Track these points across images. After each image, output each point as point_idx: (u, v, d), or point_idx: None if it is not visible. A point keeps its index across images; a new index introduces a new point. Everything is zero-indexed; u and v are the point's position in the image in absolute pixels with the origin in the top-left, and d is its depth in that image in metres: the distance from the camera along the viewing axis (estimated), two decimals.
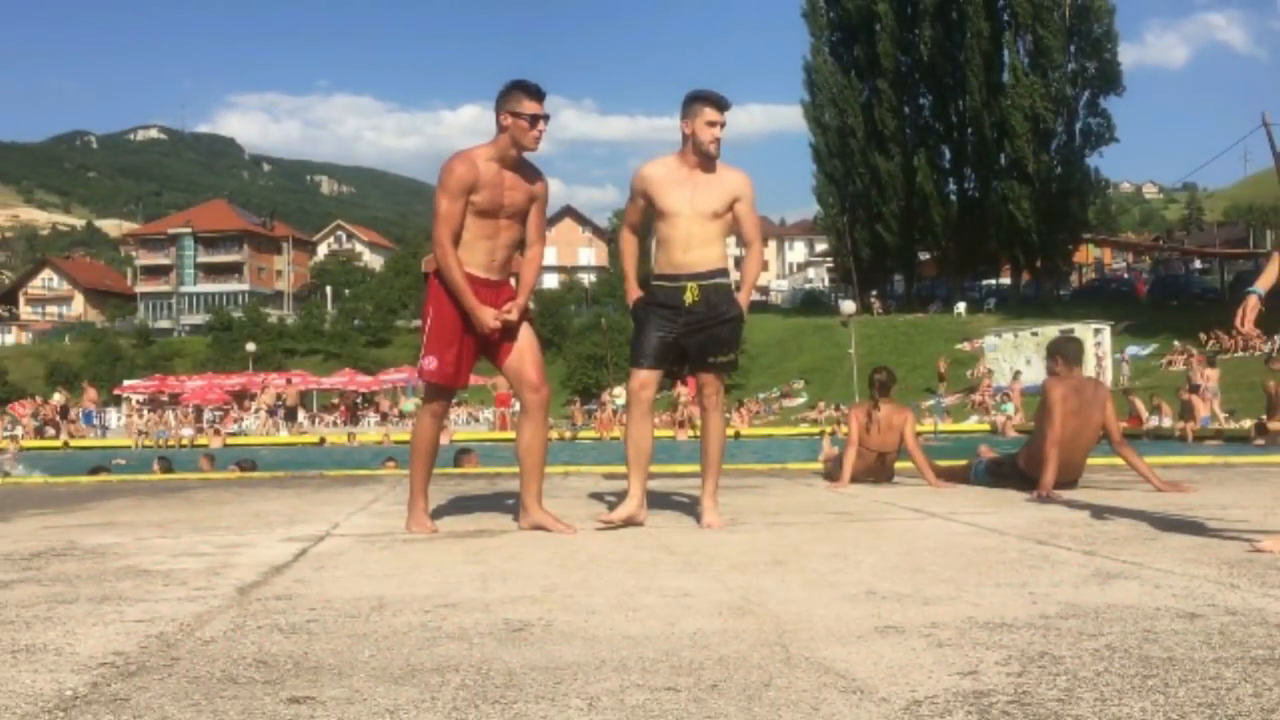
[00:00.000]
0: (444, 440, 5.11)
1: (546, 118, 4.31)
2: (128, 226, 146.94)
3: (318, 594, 2.92)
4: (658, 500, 5.72)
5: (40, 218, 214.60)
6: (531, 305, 4.59)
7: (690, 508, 5.13)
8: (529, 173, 4.40)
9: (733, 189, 4.51)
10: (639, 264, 4.91)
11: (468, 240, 4.33)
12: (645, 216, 4.68)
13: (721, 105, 4.48)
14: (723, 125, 4.47)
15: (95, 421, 36.40)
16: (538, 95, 4.28)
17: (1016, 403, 26.32)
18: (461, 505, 5.52)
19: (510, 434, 23.29)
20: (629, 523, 4.46)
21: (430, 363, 4.38)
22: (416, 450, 4.54)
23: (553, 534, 4.27)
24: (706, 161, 4.50)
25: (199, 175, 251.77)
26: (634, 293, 4.74)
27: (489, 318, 4.26)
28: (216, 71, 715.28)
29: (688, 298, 4.45)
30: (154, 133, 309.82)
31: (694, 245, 4.47)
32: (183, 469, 11.31)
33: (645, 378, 4.56)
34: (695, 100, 4.48)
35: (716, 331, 4.52)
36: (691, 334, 4.52)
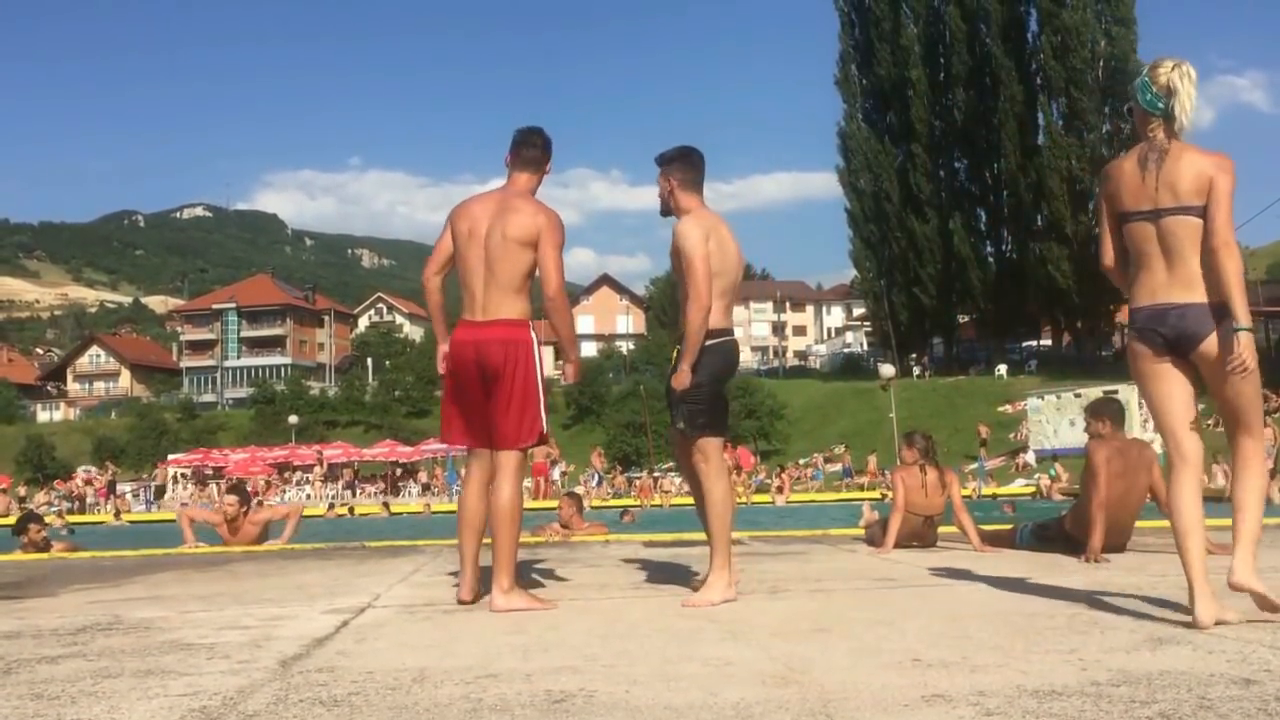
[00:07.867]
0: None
1: None
2: (173, 303, 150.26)
3: (359, 666, 2.92)
4: (697, 566, 5.67)
5: (89, 295, 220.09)
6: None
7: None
8: None
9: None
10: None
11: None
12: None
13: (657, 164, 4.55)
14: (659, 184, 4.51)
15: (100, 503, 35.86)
16: None
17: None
18: None
19: (549, 503, 23.28)
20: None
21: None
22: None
23: (592, 603, 4.26)
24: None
25: (243, 251, 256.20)
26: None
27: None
28: (251, 152, 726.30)
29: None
30: (199, 210, 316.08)
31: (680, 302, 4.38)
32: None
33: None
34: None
35: (675, 410, 4.31)
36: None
